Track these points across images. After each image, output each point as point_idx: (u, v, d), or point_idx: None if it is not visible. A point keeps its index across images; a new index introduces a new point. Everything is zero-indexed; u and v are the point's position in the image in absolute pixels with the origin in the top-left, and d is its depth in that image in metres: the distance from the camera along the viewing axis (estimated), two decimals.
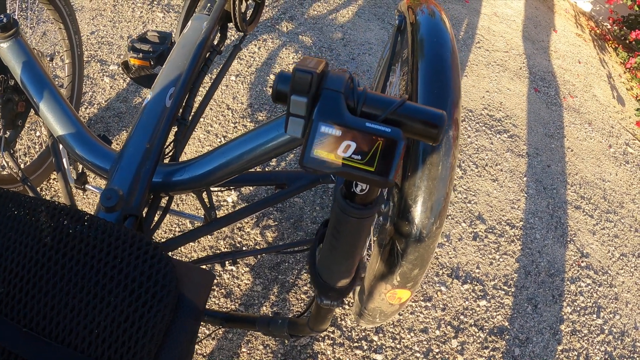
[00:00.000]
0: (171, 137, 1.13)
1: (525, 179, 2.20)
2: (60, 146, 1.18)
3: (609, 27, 4.14)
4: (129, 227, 0.87)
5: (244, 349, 1.37)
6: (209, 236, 1.58)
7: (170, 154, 1.16)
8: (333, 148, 0.47)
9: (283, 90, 0.52)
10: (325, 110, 0.48)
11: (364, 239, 0.63)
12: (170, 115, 1.05)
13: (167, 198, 1.09)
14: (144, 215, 0.99)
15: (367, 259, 1.15)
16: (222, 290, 1.47)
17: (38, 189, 1.58)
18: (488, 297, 1.69)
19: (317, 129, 0.47)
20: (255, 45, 2.36)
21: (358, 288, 1.13)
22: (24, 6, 2.03)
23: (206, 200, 1.12)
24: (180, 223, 1.60)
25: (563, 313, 1.75)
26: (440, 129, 0.50)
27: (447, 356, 1.51)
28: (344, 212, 0.57)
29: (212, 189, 1.16)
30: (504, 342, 1.59)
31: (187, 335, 0.64)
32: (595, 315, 1.79)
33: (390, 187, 0.83)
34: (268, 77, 2.20)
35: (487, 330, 1.60)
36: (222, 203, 1.68)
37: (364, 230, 0.61)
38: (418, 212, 0.82)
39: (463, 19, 3.22)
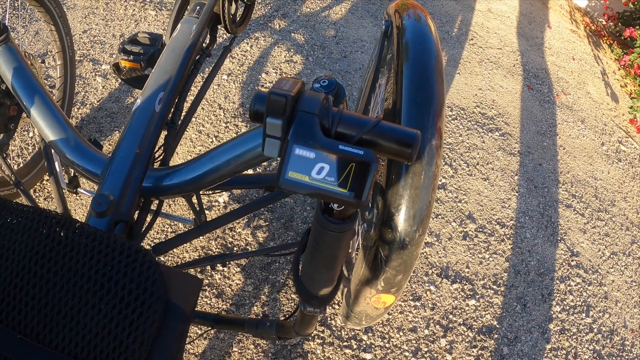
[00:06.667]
0: (161, 141, 1.14)
1: (516, 177, 2.22)
2: (52, 150, 1.19)
3: (604, 23, 4.14)
4: (120, 233, 0.88)
5: (235, 349, 1.39)
6: (200, 237, 1.59)
7: (160, 158, 1.17)
8: (307, 170, 0.48)
9: (260, 110, 0.53)
10: (299, 133, 0.49)
11: (344, 250, 0.64)
12: (160, 119, 1.06)
13: (157, 202, 1.10)
14: (135, 219, 1.00)
15: (356, 258, 1.17)
16: (214, 291, 1.49)
17: (31, 190, 1.59)
18: (477, 297, 1.71)
19: (291, 151, 0.48)
20: (248, 43, 2.36)
21: (345, 290, 1.14)
22: (16, 5, 2.03)
23: (196, 203, 1.13)
24: (172, 223, 1.62)
25: (552, 312, 1.77)
26: (414, 149, 0.51)
27: (435, 355, 1.53)
28: (323, 227, 0.59)
29: (201, 192, 1.17)
30: (493, 341, 1.61)
31: (175, 339, 0.66)
32: (584, 314, 1.81)
33: (369, 203, 0.84)
34: (260, 76, 2.20)
35: (476, 330, 1.62)
36: (213, 204, 1.69)
37: (344, 243, 0.62)
38: (401, 220, 0.83)
39: (457, 15, 3.22)
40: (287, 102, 0.50)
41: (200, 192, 1.11)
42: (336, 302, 1.55)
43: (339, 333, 1.49)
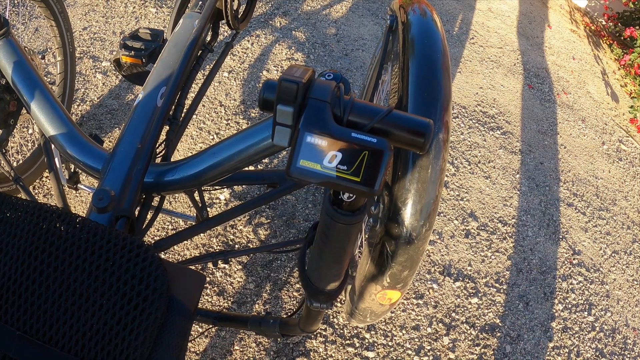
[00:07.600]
0: (163, 136, 1.13)
1: (517, 176, 2.21)
2: (52, 146, 1.17)
3: (604, 23, 4.14)
4: (121, 228, 0.87)
5: (236, 347, 1.38)
6: (201, 234, 1.58)
7: (161, 154, 1.16)
8: (319, 158, 0.47)
9: (269, 98, 0.52)
10: (311, 120, 0.48)
11: (352, 243, 0.63)
12: (162, 115, 1.05)
13: (159, 198, 1.09)
14: (136, 215, 0.99)
15: (359, 257, 1.16)
16: (215, 288, 1.48)
17: (30, 187, 1.57)
18: (480, 295, 1.70)
19: (303, 139, 0.47)
20: (249, 41, 2.35)
21: (349, 287, 1.13)
22: (16, 2, 2.01)
23: (198, 199, 1.12)
24: (172, 220, 1.60)
25: (554, 310, 1.76)
26: (427, 138, 0.50)
27: (438, 353, 1.52)
28: (332, 219, 0.58)
29: (203, 188, 1.16)
30: (495, 339, 1.61)
31: (178, 336, 0.65)
32: (586, 313, 1.80)
33: (378, 196, 0.83)
34: (261, 74, 2.19)
35: (479, 328, 1.61)
36: (214, 200, 1.68)
37: (353, 236, 0.61)
38: (408, 214, 0.82)
39: (457, 15, 3.22)
40: (298, 89, 0.49)
41: (202, 188, 1.10)
42: (338, 300, 1.54)
43: (341, 331, 1.48)
